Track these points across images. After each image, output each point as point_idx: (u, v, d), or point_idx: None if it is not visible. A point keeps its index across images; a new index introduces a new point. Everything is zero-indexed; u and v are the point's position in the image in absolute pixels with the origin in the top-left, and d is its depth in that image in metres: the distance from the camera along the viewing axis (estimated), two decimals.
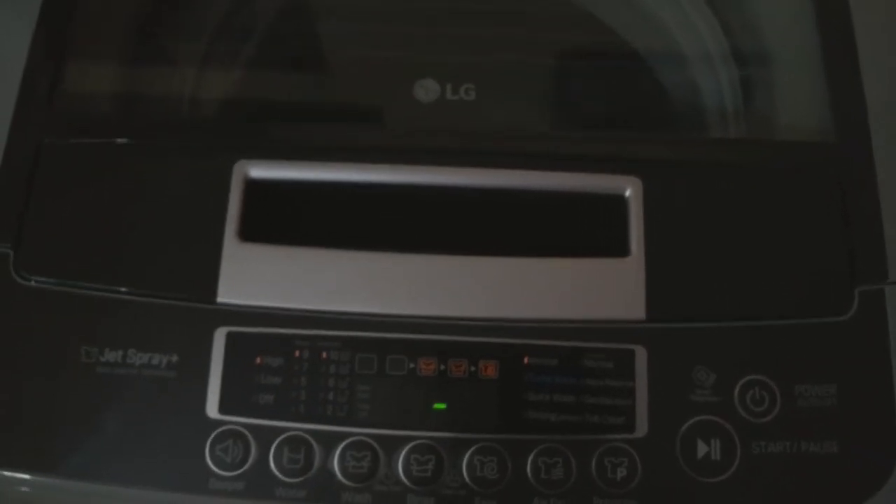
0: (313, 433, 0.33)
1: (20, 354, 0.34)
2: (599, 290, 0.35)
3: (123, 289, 0.35)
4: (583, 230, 0.36)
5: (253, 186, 0.36)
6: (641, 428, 0.33)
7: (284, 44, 0.46)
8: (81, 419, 0.34)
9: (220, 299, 0.34)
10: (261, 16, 0.48)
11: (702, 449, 0.33)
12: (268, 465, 0.33)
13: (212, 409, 0.33)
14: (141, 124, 0.40)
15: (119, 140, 0.38)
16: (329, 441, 0.33)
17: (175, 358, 0.34)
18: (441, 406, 0.33)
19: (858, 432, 0.33)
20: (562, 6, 0.49)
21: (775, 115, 0.43)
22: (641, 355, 0.34)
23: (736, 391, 0.33)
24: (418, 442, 0.33)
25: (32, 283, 0.35)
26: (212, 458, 0.33)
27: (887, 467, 0.33)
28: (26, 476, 0.34)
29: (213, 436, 0.33)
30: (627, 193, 0.36)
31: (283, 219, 0.36)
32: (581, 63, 0.47)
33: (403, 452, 0.33)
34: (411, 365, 0.34)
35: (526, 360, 0.34)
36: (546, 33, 0.47)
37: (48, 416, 0.34)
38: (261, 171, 0.36)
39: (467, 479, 0.33)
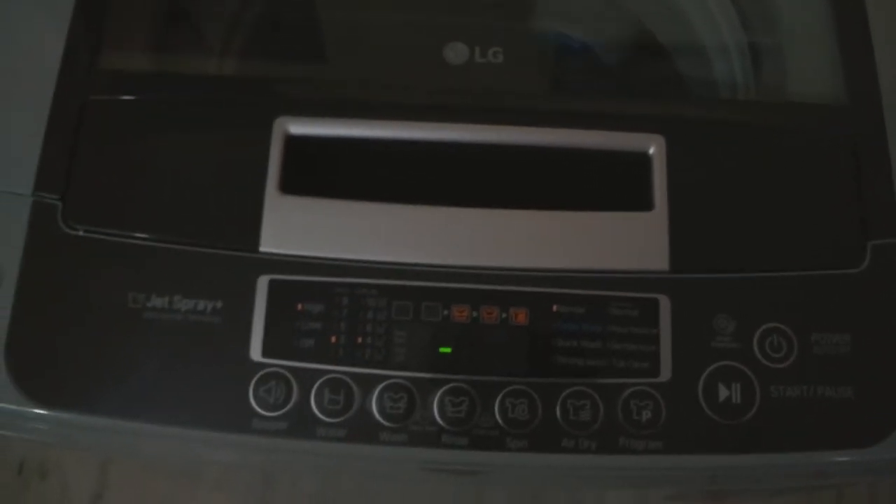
0: (352, 375, 0.35)
1: (70, 300, 0.36)
2: (625, 242, 0.36)
3: (169, 238, 0.36)
4: (609, 185, 0.38)
5: (292, 142, 0.38)
6: (665, 373, 0.35)
7: (320, 8, 0.47)
8: (129, 362, 0.35)
9: (262, 248, 0.36)
10: None
11: (723, 392, 0.34)
12: (309, 406, 0.34)
13: (255, 353, 0.35)
14: (182, 81, 0.41)
15: (161, 97, 0.39)
16: (367, 383, 0.34)
17: (220, 304, 0.35)
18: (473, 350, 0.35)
19: (872, 378, 0.35)
20: None
21: (788, 79, 0.45)
22: (665, 304, 0.35)
23: (755, 338, 0.35)
24: (452, 385, 0.34)
25: (81, 232, 0.37)
26: (255, 399, 0.34)
27: None
28: (77, 416, 0.35)
29: (256, 378, 0.35)
30: (651, 150, 0.38)
31: (322, 173, 0.38)
32: (602, 31, 0.48)
33: (438, 394, 0.34)
34: (445, 312, 0.35)
35: (555, 307, 0.35)
36: (569, 5, 0.48)
37: (97, 359, 0.35)
38: (300, 127, 0.38)
39: (499, 419, 0.34)
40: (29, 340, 0.35)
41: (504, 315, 0.35)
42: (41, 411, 0.35)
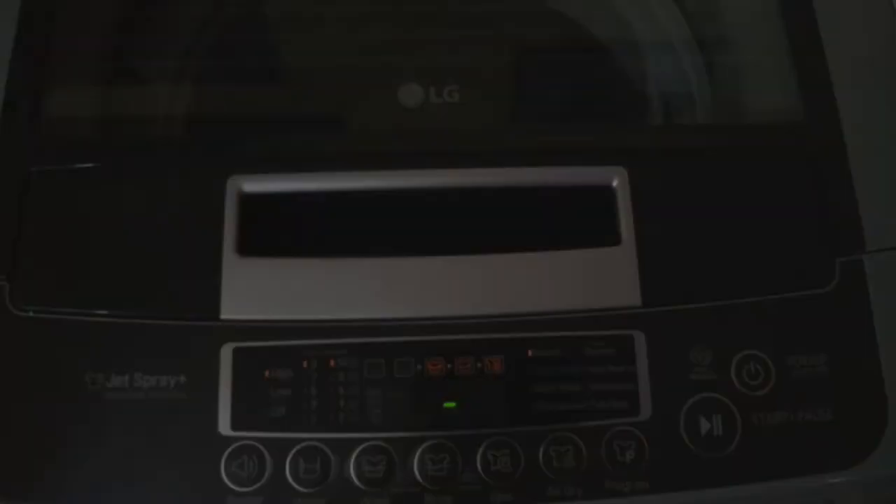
0: (327, 441, 0.33)
1: (24, 386, 0.34)
2: (595, 279, 0.36)
3: (124, 313, 0.35)
4: (574, 222, 0.37)
5: (247, 201, 0.36)
6: (646, 410, 0.34)
7: (265, 55, 0.46)
8: (92, 447, 0.33)
9: (223, 315, 0.35)
10: (237, 28, 0.48)
11: (704, 426, 0.34)
12: (284, 477, 0.33)
13: (224, 426, 0.33)
14: (126, 145, 0.40)
15: (107, 163, 0.38)
16: (344, 448, 0.33)
17: (183, 378, 0.34)
18: (451, 405, 0.34)
19: (850, 398, 0.35)
20: (530, 5, 0.50)
21: (745, 99, 0.45)
22: (640, 340, 0.35)
23: (732, 367, 0.35)
24: (432, 442, 0.34)
25: (31, 313, 0.35)
26: (228, 475, 0.33)
27: (879, 429, 0.35)
28: None
29: (227, 453, 0.33)
30: (614, 183, 0.37)
31: (280, 231, 0.37)
32: (555, 59, 0.47)
33: (418, 453, 0.33)
34: (419, 366, 0.34)
35: (529, 352, 0.35)
36: (518, 32, 0.48)
37: (57, 446, 0.33)
38: (254, 185, 0.37)
39: (482, 474, 0.33)
40: None
41: (479, 364, 0.34)
42: None
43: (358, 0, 0.48)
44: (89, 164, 0.38)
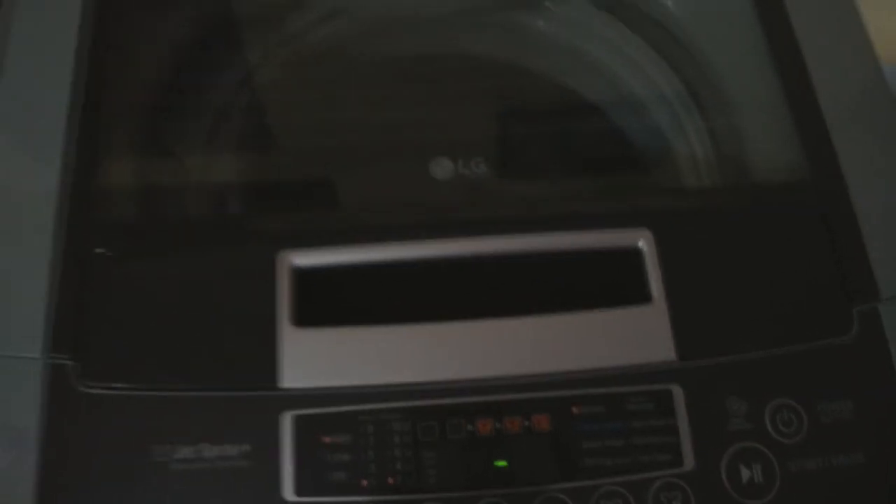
0: (387, 503, 0.35)
1: (94, 462, 0.35)
2: (630, 337, 0.38)
3: (187, 386, 0.36)
4: (606, 283, 0.40)
5: (299, 274, 0.39)
6: (689, 461, 0.36)
7: (304, 133, 0.49)
8: None
9: (282, 385, 0.36)
10: (270, 109, 0.51)
11: (745, 474, 0.36)
12: None
13: (288, 493, 0.35)
14: (182, 224, 0.42)
15: (160, 244, 0.40)
16: None
17: (247, 447, 0.35)
18: (503, 463, 0.36)
19: (879, 441, 0.37)
20: (536, 80, 0.54)
21: (745, 160, 0.48)
22: (678, 393, 0.37)
23: (766, 416, 0.37)
24: (487, 500, 0.35)
25: (98, 390, 0.37)
26: None
27: None
28: None
29: None
30: (641, 244, 0.40)
31: (332, 301, 0.39)
32: (572, 128, 0.51)
33: None
34: (469, 427, 0.36)
35: (574, 409, 0.36)
36: (534, 105, 0.51)
37: None
38: (304, 258, 0.39)
39: None
40: None
41: (527, 423, 0.36)
42: None
43: (381, 79, 0.52)
44: (145, 245, 0.40)
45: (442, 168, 0.46)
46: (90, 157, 0.42)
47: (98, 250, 0.39)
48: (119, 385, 0.37)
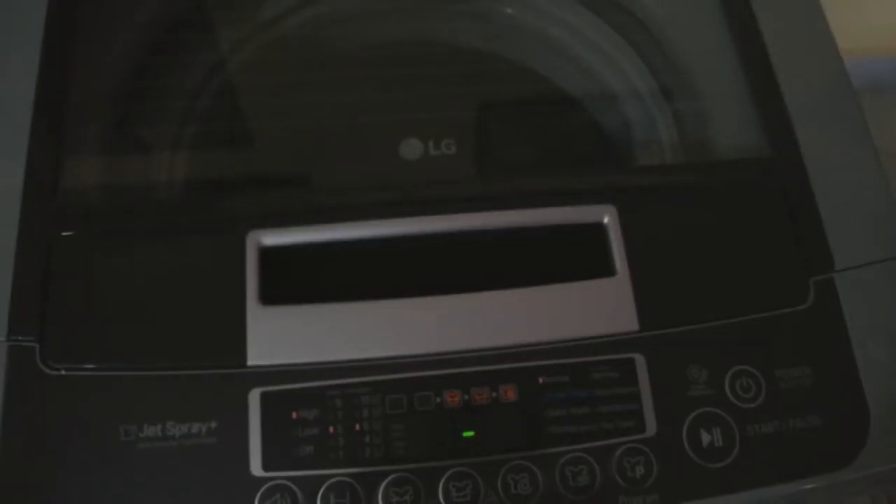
0: (355, 476, 0.35)
1: (59, 442, 0.35)
2: (594, 309, 0.39)
3: (153, 365, 0.36)
4: (570, 257, 0.40)
5: (267, 253, 0.39)
6: (651, 427, 0.37)
7: (278, 113, 0.49)
8: (128, 497, 0.35)
9: (250, 362, 0.36)
10: (239, 91, 0.51)
11: (706, 438, 0.37)
12: None
13: (256, 468, 0.35)
14: (148, 207, 0.42)
15: (127, 225, 0.40)
16: (371, 482, 0.35)
17: (214, 424, 0.35)
18: (470, 433, 0.36)
19: (835, 404, 0.38)
20: (506, 66, 0.54)
21: (710, 143, 0.49)
22: (641, 362, 0.38)
23: (726, 382, 0.38)
24: (455, 470, 0.35)
25: (62, 371, 0.36)
26: None
27: (863, 432, 0.38)
28: None
29: (260, 492, 0.35)
30: (605, 220, 0.40)
31: (298, 279, 0.39)
32: (539, 111, 0.51)
33: (442, 482, 0.35)
34: (438, 399, 0.36)
35: (541, 380, 0.37)
36: (504, 90, 0.51)
37: (95, 500, 0.35)
38: (272, 238, 0.39)
39: (504, 497, 0.35)
40: (20, 489, 0.34)
41: (494, 394, 0.37)
42: None
43: (354, 64, 0.52)
44: (111, 227, 0.40)
45: (411, 149, 0.46)
46: (56, 143, 0.42)
47: (64, 233, 0.39)
48: (83, 366, 0.36)
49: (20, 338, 0.37)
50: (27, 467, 0.35)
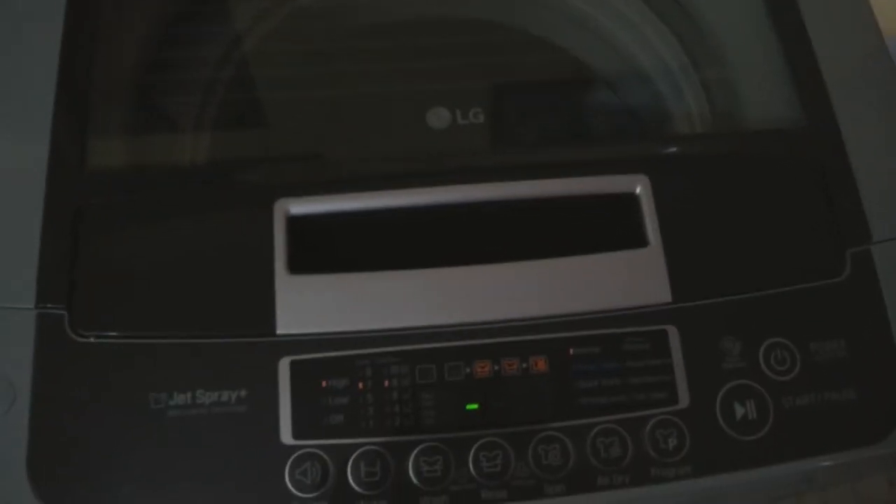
0: (386, 445, 0.35)
1: (89, 409, 0.35)
2: (627, 279, 0.38)
3: (183, 333, 0.36)
4: (603, 228, 0.40)
5: (295, 222, 0.38)
6: (684, 399, 0.36)
7: (302, 83, 0.48)
8: (159, 464, 0.35)
9: (279, 331, 0.36)
10: (265, 60, 0.50)
11: (739, 411, 0.36)
12: (347, 482, 0.34)
13: (286, 436, 0.35)
14: (175, 175, 0.42)
15: (155, 194, 0.40)
16: (401, 450, 0.35)
17: (244, 392, 0.35)
18: (500, 403, 0.36)
19: (871, 378, 0.37)
20: (535, 40, 0.53)
21: (749, 110, 0.48)
22: (674, 334, 0.37)
23: (760, 355, 0.37)
24: (485, 440, 0.35)
25: (91, 339, 0.36)
26: (292, 482, 0.34)
27: None
28: None
29: (290, 461, 0.35)
30: (638, 190, 0.40)
31: (327, 248, 0.38)
32: (567, 83, 0.50)
33: (472, 452, 0.35)
34: (467, 369, 0.36)
35: (571, 351, 0.37)
36: (533, 61, 0.51)
37: (125, 466, 0.35)
38: (300, 207, 0.39)
39: (534, 468, 0.35)
40: (51, 456, 0.35)
41: (524, 365, 0.36)
42: None
43: (379, 35, 0.51)
44: (138, 196, 0.39)
45: (439, 118, 0.45)
46: (80, 120, 0.41)
47: (88, 201, 0.39)
48: (112, 333, 0.36)
49: (49, 305, 0.37)
50: (57, 434, 0.35)
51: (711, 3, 0.51)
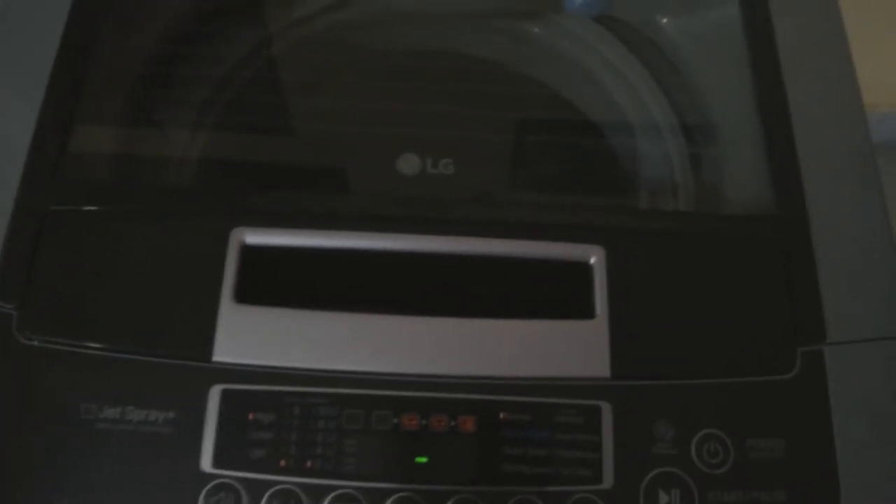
0: (302, 486, 0.35)
1: (22, 410, 0.36)
2: (568, 350, 0.38)
3: (123, 348, 0.37)
4: (551, 294, 0.40)
5: (248, 252, 0.39)
6: (608, 479, 0.36)
7: (279, 115, 0.49)
8: (79, 473, 0.35)
9: (215, 358, 0.37)
10: (253, 87, 0.52)
11: (663, 499, 0.36)
12: None
13: (206, 464, 0.35)
14: (139, 192, 0.43)
15: (120, 208, 0.41)
16: (317, 494, 0.35)
17: (172, 414, 0.36)
18: (423, 459, 0.36)
19: (804, 482, 0.36)
20: (527, 85, 0.54)
21: (721, 188, 0.48)
22: (607, 410, 0.37)
23: (693, 444, 0.36)
24: (402, 494, 0.35)
25: (35, 342, 0.37)
26: None
27: None
28: None
29: (206, 489, 0.35)
30: (592, 261, 0.40)
31: (276, 282, 0.39)
32: (547, 138, 0.51)
33: None
34: (395, 420, 0.36)
35: (502, 415, 0.36)
36: (515, 111, 0.51)
37: (49, 472, 0.35)
38: (255, 237, 0.39)
39: None
40: None
41: (453, 423, 0.36)
42: None
43: (367, 75, 0.52)
44: (103, 207, 0.41)
45: (409, 164, 0.46)
46: (66, 118, 0.43)
47: (54, 207, 0.40)
48: (56, 339, 0.37)
49: (2, 304, 0.37)
50: None
51: (705, 76, 0.51)
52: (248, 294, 0.38)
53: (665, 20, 0.54)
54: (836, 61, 0.47)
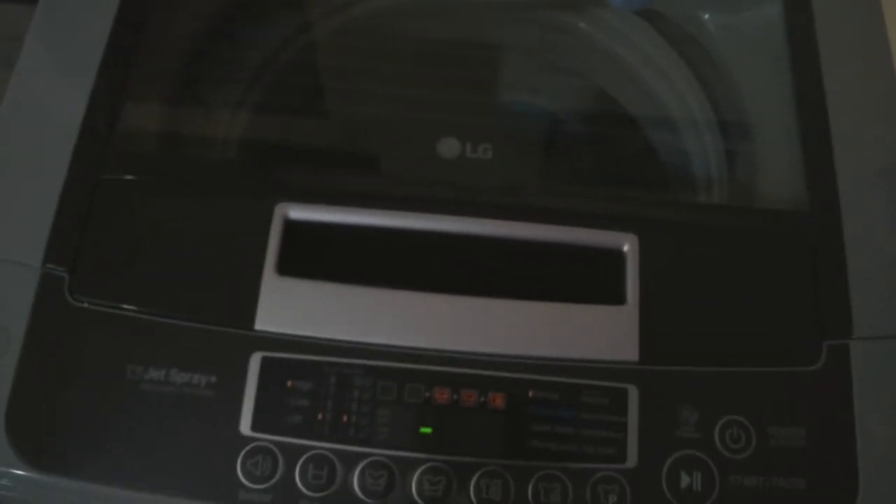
0: (336, 452, 0.36)
1: (71, 369, 0.38)
2: (598, 333, 0.39)
3: (168, 313, 0.38)
4: (585, 279, 0.41)
5: (291, 226, 0.40)
6: (632, 459, 0.37)
7: (320, 98, 0.51)
8: (124, 431, 0.37)
9: (257, 326, 0.38)
10: (294, 70, 0.53)
11: (684, 480, 0.37)
12: (293, 480, 0.36)
13: (245, 427, 0.37)
14: (191, 164, 0.44)
15: (170, 179, 0.42)
16: (350, 460, 0.36)
17: (214, 378, 0.37)
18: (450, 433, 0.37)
19: (823, 472, 0.37)
20: (567, 78, 0.55)
21: (756, 184, 0.48)
22: (633, 394, 0.38)
23: (716, 429, 0.37)
24: (431, 464, 0.36)
25: (85, 304, 0.39)
26: (242, 472, 0.36)
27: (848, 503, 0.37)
28: (69, 481, 0.37)
29: (244, 451, 0.36)
30: (625, 248, 0.41)
31: (317, 256, 0.40)
32: (584, 129, 0.51)
33: (417, 473, 0.36)
34: (427, 393, 0.37)
35: (531, 393, 0.37)
36: (552, 102, 0.52)
37: (93, 427, 0.37)
38: (299, 212, 0.40)
39: (474, 499, 0.36)
40: (29, 406, 0.37)
41: (483, 399, 0.37)
42: (36, 475, 0.37)
43: (407, 61, 0.53)
44: (153, 178, 0.42)
45: (449, 148, 0.47)
46: (116, 95, 0.44)
47: (106, 177, 0.41)
48: (105, 302, 0.39)
49: (53, 266, 0.39)
50: (37, 387, 0.37)
51: (744, 72, 0.52)
52: (290, 267, 0.39)
53: (707, 16, 0.54)
54: (876, 63, 0.48)
